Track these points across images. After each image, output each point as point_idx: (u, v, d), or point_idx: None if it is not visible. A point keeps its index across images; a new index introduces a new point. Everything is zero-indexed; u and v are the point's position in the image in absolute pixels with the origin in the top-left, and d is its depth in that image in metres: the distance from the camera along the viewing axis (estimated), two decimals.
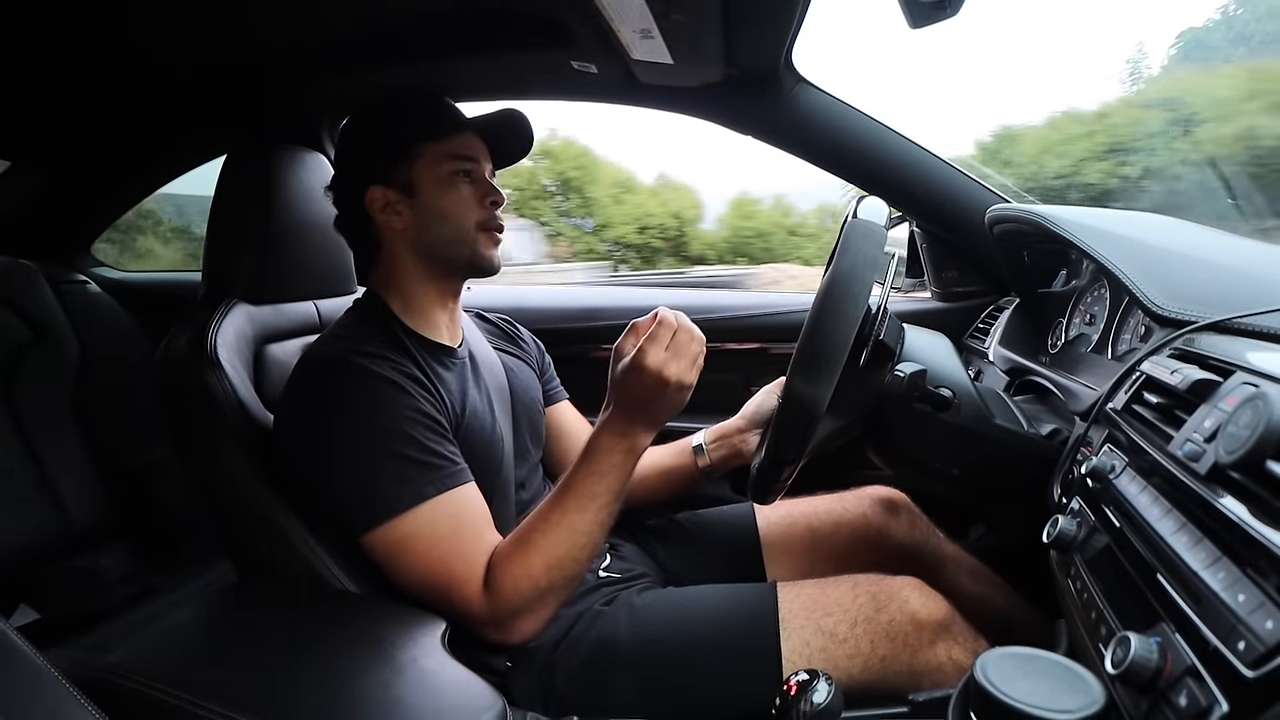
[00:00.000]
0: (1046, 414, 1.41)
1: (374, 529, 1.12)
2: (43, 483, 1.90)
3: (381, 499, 1.11)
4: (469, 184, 1.30)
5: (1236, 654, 0.56)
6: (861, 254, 1.06)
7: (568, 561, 1.13)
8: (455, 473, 1.16)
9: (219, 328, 1.28)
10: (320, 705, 0.87)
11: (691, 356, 1.12)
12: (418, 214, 1.29)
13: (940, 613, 1.16)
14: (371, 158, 1.31)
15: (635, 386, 1.12)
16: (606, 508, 1.15)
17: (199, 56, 1.58)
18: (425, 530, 1.11)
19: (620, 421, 1.15)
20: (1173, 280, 1.12)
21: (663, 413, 1.14)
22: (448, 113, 1.34)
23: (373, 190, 1.29)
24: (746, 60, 1.58)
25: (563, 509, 1.14)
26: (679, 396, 1.13)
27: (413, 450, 1.13)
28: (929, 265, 2.06)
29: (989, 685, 0.62)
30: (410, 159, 1.28)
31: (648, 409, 1.14)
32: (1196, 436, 0.76)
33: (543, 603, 1.13)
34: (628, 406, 1.14)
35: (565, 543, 1.12)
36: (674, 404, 1.13)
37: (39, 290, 2.03)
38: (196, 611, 1.14)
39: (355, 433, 1.14)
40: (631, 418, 1.15)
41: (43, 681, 0.72)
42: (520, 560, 1.12)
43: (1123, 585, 0.79)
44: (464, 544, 1.13)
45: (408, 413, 1.15)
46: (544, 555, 1.12)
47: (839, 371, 1.04)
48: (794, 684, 0.90)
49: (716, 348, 2.07)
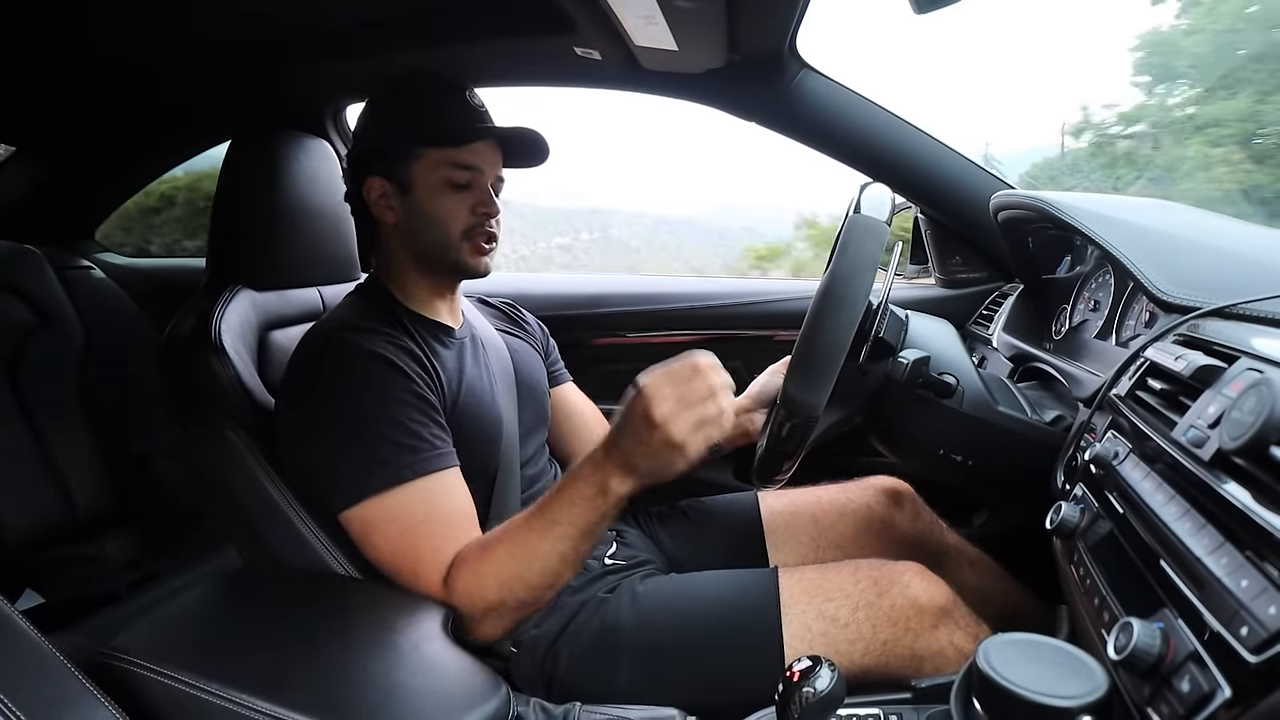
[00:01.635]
0: (1050, 400, 1.41)
1: (348, 507, 1.12)
2: (48, 468, 1.91)
3: (355, 478, 1.12)
4: (465, 191, 1.29)
5: (1239, 639, 0.56)
6: (861, 253, 1.05)
7: (518, 584, 1.09)
8: (435, 456, 1.15)
9: (223, 313, 1.29)
10: (323, 690, 0.88)
11: (698, 416, 0.98)
12: (408, 212, 1.30)
13: (942, 597, 1.16)
14: (376, 148, 1.31)
15: (626, 416, 1.03)
16: (568, 539, 1.08)
17: (202, 42, 1.58)
18: (399, 512, 1.12)
19: (601, 452, 1.07)
20: (1177, 266, 1.12)
21: (642, 460, 1.02)
22: (461, 117, 1.31)
23: (371, 180, 1.30)
24: (750, 46, 1.57)
25: (527, 527, 1.10)
26: (666, 453, 0.99)
27: (394, 431, 1.13)
28: (933, 252, 2.05)
29: (992, 671, 0.62)
30: (411, 159, 1.28)
31: (627, 449, 1.03)
32: (1200, 422, 0.75)
33: (493, 615, 1.10)
34: (612, 437, 1.05)
35: (520, 563, 1.09)
36: (658, 457, 1.00)
37: (44, 276, 2.03)
38: (201, 597, 1.14)
39: (339, 409, 1.14)
40: (609, 451, 1.05)
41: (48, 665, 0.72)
42: (475, 569, 1.10)
43: (1126, 571, 0.79)
44: (434, 532, 1.12)
45: (394, 391, 1.15)
46: (496, 569, 1.09)
47: (835, 376, 1.04)
48: (796, 671, 0.90)
49: (721, 334, 2.08)
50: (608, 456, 1.05)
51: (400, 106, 1.32)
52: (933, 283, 2.10)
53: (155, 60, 1.65)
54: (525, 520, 1.11)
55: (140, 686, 0.87)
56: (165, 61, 1.66)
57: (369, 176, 1.30)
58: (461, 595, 1.09)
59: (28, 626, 0.74)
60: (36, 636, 0.73)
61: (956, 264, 2.02)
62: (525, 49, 1.60)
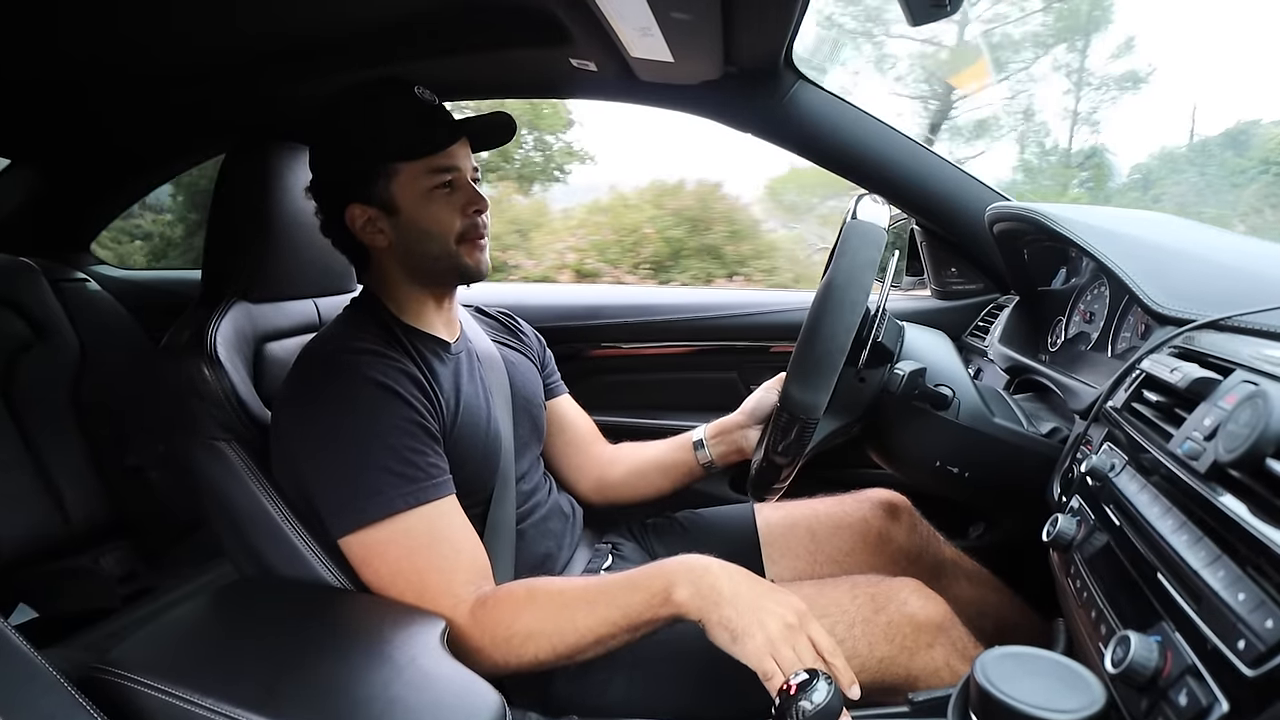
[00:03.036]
0: (1046, 412, 1.41)
1: (346, 534, 1.12)
2: (42, 481, 1.90)
3: (353, 506, 1.11)
4: (450, 192, 1.27)
5: (1236, 653, 0.56)
6: (859, 258, 1.06)
7: (544, 643, 1.07)
8: (431, 486, 1.14)
9: (218, 326, 1.28)
10: (319, 704, 0.87)
11: (790, 652, 0.96)
12: (400, 231, 1.27)
13: (938, 615, 1.16)
14: (348, 175, 1.27)
15: (758, 585, 1.03)
16: (609, 623, 1.05)
17: (195, 55, 1.58)
18: (399, 541, 1.11)
19: (700, 570, 1.04)
20: (1172, 278, 1.12)
21: (724, 609, 1.00)
22: (427, 122, 1.28)
23: (352, 208, 1.26)
24: (746, 58, 1.58)
25: (582, 596, 1.08)
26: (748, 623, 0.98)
27: (391, 460, 1.12)
28: (929, 263, 2.06)
29: (989, 685, 0.62)
30: (388, 177, 1.24)
31: (725, 592, 1.01)
32: (1196, 435, 0.75)
33: (500, 657, 1.08)
34: (726, 576, 1.03)
35: (556, 624, 1.07)
36: (737, 621, 0.99)
37: (39, 289, 2.03)
38: (196, 610, 1.14)
39: (335, 437, 1.13)
40: (706, 574, 1.03)
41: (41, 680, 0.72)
42: (513, 608, 1.09)
43: (1122, 584, 0.79)
44: (440, 557, 1.12)
45: (393, 419, 1.14)
46: (532, 620, 1.07)
47: (835, 377, 1.04)
48: (793, 684, 0.90)
49: (717, 345, 2.08)
50: (701, 575, 1.03)
51: (363, 126, 1.26)
52: (928, 295, 2.11)
53: (152, 72, 1.65)
54: (583, 587, 1.10)
55: (135, 701, 0.87)
56: (162, 74, 1.66)
57: (347, 205, 1.27)
58: (485, 630, 1.08)
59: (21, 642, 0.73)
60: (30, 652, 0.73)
61: (952, 276, 2.02)
62: (521, 61, 1.61)
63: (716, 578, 1.02)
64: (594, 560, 1.45)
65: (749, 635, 0.97)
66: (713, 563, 1.05)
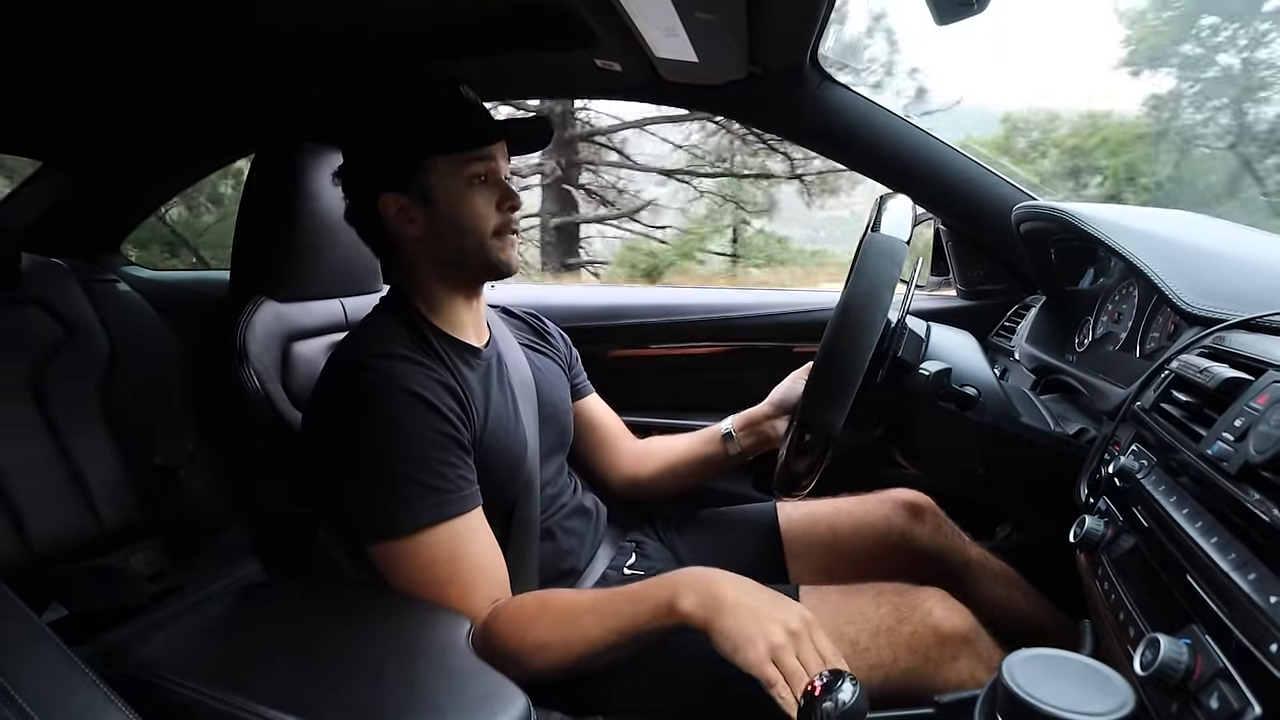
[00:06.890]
0: (1073, 413, 1.40)
1: (373, 544, 1.13)
2: (73, 480, 1.92)
3: (381, 516, 1.12)
4: (486, 187, 1.27)
5: (1269, 656, 0.56)
6: (879, 276, 1.05)
7: (554, 654, 1.08)
8: (459, 499, 1.14)
9: (248, 325, 1.30)
10: (348, 703, 0.88)
11: (792, 663, 0.96)
12: (434, 223, 1.27)
13: (964, 626, 1.15)
14: (384, 164, 1.27)
15: (763, 594, 1.03)
16: (617, 633, 1.06)
17: (223, 55, 1.59)
18: (421, 553, 1.11)
19: (705, 579, 1.04)
20: (1202, 278, 1.11)
21: (725, 616, 1.00)
22: (467, 120, 1.29)
23: (385, 197, 1.26)
24: (771, 58, 1.58)
25: (591, 608, 1.09)
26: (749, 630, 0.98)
27: (419, 472, 1.12)
28: (954, 263, 2.05)
29: (1016, 687, 0.61)
30: (426, 168, 1.25)
31: (729, 600, 1.01)
32: (1227, 436, 0.75)
33: (510, 668, 1.04)
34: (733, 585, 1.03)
35: (565, 636, 1.08)
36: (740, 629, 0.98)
37: (70, 289, 2.05)
38: (225, 609, 1.15)
39: (369, 445, 1.13)
40: (712, 583, 1.03)
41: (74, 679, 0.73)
42: (525, 621, 1.10)
43: (1151, 586, 0.78)
44: (460, 574, 1.12)
45: (425, 431, 1.14)
46: (543, 632, 1.08)
47: (853, 396, 1.05)
48: (818, 685, 0.89)
49: (740, 346, 2.08)
50: (705, 585, 1.03)
51: (402, 117, 1.27)
52: (954, 294, 2.10)
53: (182, 73, 1.67)
54: (594, 599, 1.11)
55: (165, 699, 0.88)
56: (192, 74, 1.68)
57: (381, 194, 1.26)
58: (498, 642, 1.08)
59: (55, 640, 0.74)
60: (63, 649, 0.74)
61: (978, 275, 2.01)
62: (547, 62, 1.61)
63: (720, 587, 1.02)
64: (617, 558, 1.45)
65: (750, 644, 0.97)
66: (717, 573, 1.06)
